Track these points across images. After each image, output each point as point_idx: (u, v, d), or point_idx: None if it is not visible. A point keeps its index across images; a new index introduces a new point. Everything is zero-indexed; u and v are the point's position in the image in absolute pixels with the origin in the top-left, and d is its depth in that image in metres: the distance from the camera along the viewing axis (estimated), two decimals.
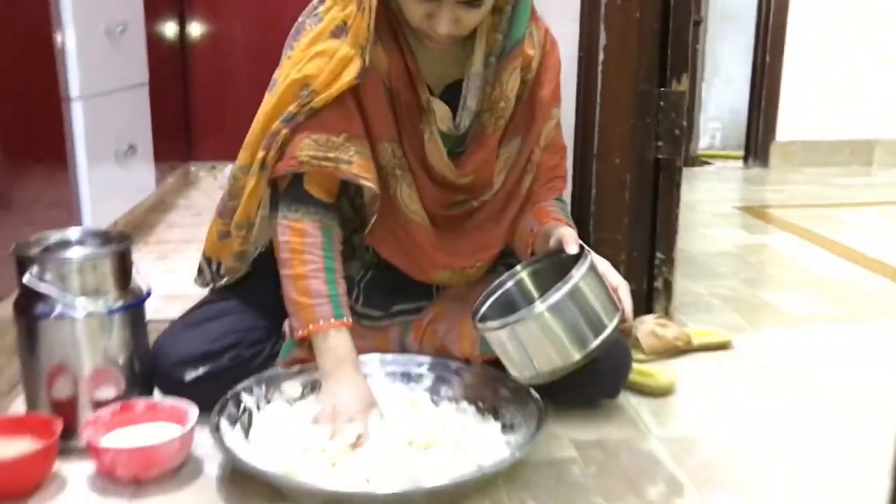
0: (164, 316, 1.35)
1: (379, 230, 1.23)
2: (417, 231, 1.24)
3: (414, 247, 1.25)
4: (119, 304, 1.15)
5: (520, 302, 1.14)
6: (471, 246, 1.28)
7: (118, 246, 1.18)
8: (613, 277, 1.12)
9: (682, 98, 1.53)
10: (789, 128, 3.69)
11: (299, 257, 1.16)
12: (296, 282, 1.16)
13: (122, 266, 1.17)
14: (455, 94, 1.20)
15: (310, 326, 1.15)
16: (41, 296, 1.12)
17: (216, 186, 2.79)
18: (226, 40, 2.89)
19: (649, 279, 1.61)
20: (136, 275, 1.21)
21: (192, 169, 2.93)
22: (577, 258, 1.05)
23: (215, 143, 2.89)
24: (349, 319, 1.17)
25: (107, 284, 1.15)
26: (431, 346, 1.29)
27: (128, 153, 1.91)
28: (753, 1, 3.69)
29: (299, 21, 1.20)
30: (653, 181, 1.57)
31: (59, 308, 1.12)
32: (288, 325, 1.25)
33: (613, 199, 1.55)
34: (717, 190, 3.37)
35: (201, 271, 1.36)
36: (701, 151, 4.06)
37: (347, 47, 1.12)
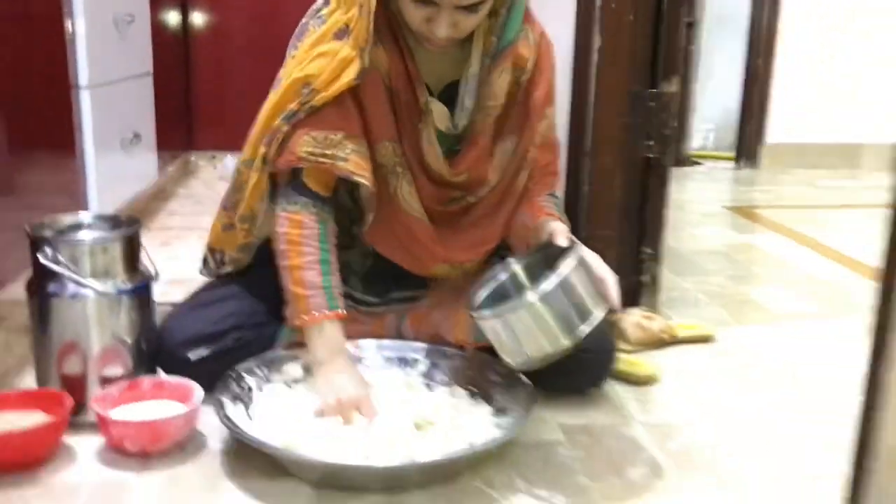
0: (168, 299, 1.40)
1: (377, 228, 1.28)
2: (417, 227, 1.29)
3: (414, 242, 1.30)
4: (128, 286, 1.20)
5: (512, 292, 1.19)
6: (469, 241, 1.33)
7: (128, 230, 1.23)
8: (601, 269, 1.17)
9: (673, 99, 1.58)
10: (779, 130, 3.74)
11: (296, 248, 1.20)
12: (292, 272, 1.20)
13: (132, 249, 1.22)
14: (453, 94, 1.25)
15: (304, 316, 1.19)
16: (54, 276, 1.16)
17: (215, 176, 2.84)
18: (227, 32, 2.94)
19: (637, 273, 1.66)
20: (145, 258, 1.26)
21: (192, 158, 2.98)
22: (567, 251, 1.10)
23: (215, 133, 2.93)
24: (343, 311, 1.21)
25: (117, 267, 1.20)
26: (427, 333, 1.34)
27: (132, 142, 1.95)
28: (748, 4, 3.74)
29: (303, 22, 1.25)
30: (642, 179, 1.62)
31: (71, 288, 1.17)
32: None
33: (604, 196, 1.60)
34: (708, 190, 3.42)
35: (206, 261, 1.41)
36: (693, 152, 4.10)
37: (348, 49, 1.16)
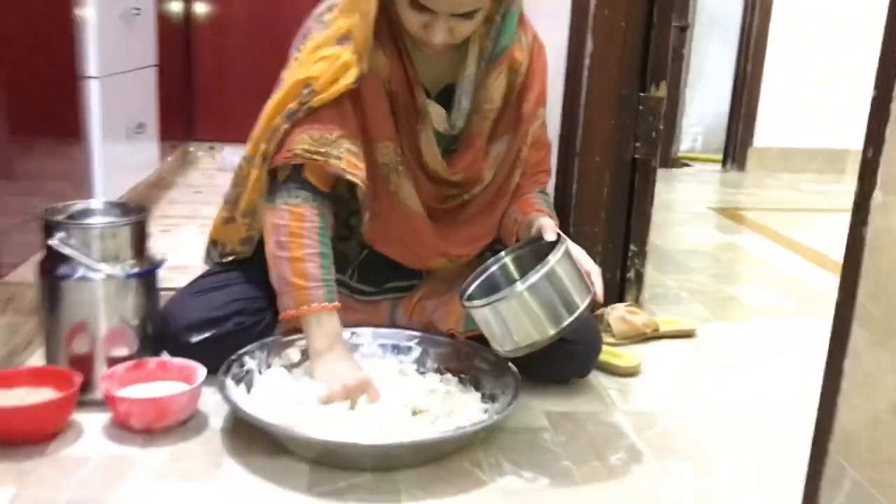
0: (171, 285, 1.45)
1: (376, 226, 1.33)
2: (417, 223, 1.34)
3: (413, 238, 1.35)
4: (136, 270, 1.26)
5: (502, 283, 1.25)
6: (465, 236, 1.39)
7: (137, 217, 1.28)
8: (587, 263, 1.23)
9: (660, 103, 1.64)
10: (767, 134, 3.82)
11: (298, 241, 1.23)
12: (293, 264, 1.23)
13: (140, 235, 1.28)
14: (450, 97, 1.31)
15: (303, 307, 1.22)
16: (65, 259, 1.21)
17: (214, 167, 2.89)
18: (228, 25, 2.99)
19: (622, 269, 1.73)
20: (152, 244, 1.31)
21: (192, 149, 3.03)
22: (555, 245, 1.17)
23: (214, 125, 2.98)
24: (338, 304, 1.25)
25: (125, 251, 1.25)
26: (420, 322, 1.40)
27: (137, 131, 2.00)
28: (739, 10, 3.81)
29: (306, 26, 1.30)
30: (630, 179, 1.68)
31: (81, 271, 1.22)
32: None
33: (593, 194, 1.66)
34: (695, 191, 3.50)
35: (209, 252, 1.46)
36: (682, 154, 4.18)
37: (349, 54, 1.22)
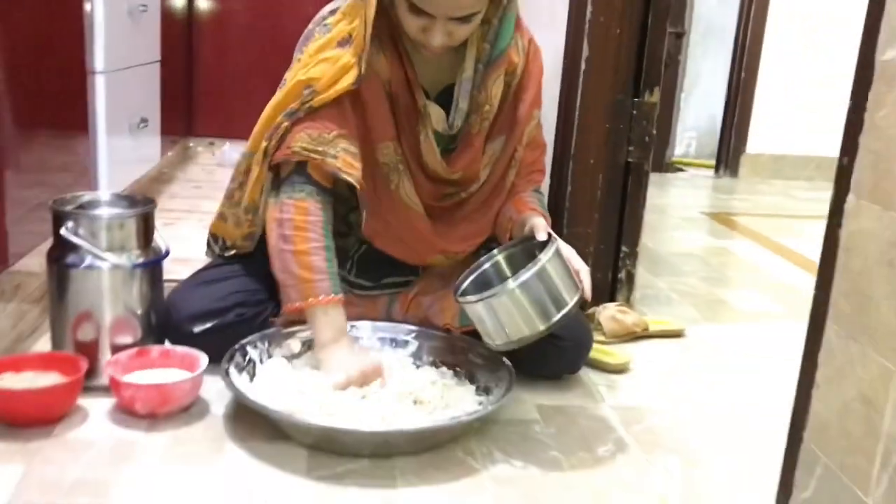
0: (173, 277, 1.49)
1: (376, 224, 1.37)
2: (416, 220, 1.38)
3: (413, 235, 1.39)
4: (141, 260, 1.29)
5: (495, 280, 1.29)
6: (462, 233, 1.43)
7: (143, 209, 1.32)
8: (576, 262, 1.27)
9: (653, 109, 1.68)
10: (760, 141, 3.87)
11: (303, 234, 1.27)
12: (298, 257, 1.26)
13: (146, 226, 1.31)
14: (449, 98, 1.35)
15: (309, 300, 1.26)
16: (73, 248, 1.25)
17: (213, 162, 2.93)
18: (230, 23, 3.03)
19: (614, 270, 1.77)
20: (157, 236, 1.35)
21: (191, 144, 3.06)
22: (546, 244, 1.21)
23: (214, 121, 3.02)
24: (342, 296, 1.29)
25: (131, 242, 1.29)
26: (416, 317, 1.44)
27: (140, 126, 2.04)
28: (735, 17, 3.86)
29: (309, 29, 1.34)
30: (623, 182, 1.72)
31: (89, 260, 1.25)
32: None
33: (586, 196, 1.71)
34: (688, 196, 3.54)
35: (210, 246, 1.50)
36: (676, 158, 4.23)
37: (349, 56, 1.26)
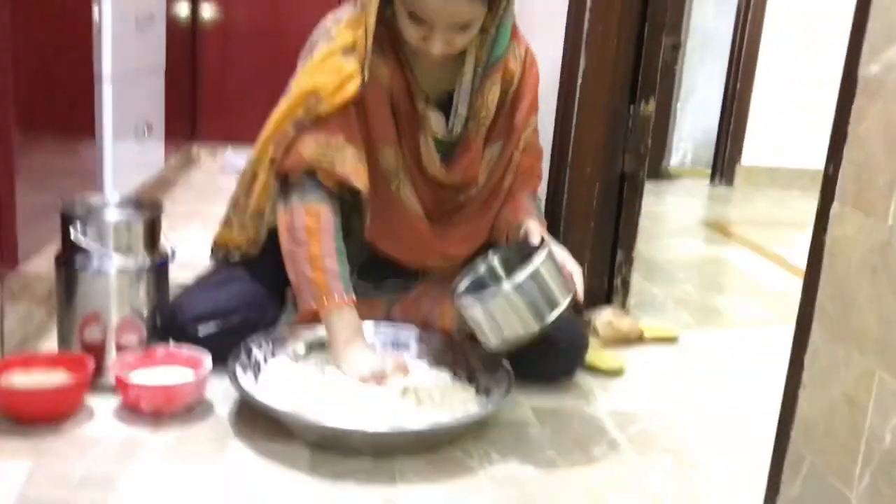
0: (178, 280, 1.52)
1: (378, 227, 1.40)
2: (417, 223, 1.42)
3: (413, 238, 1.43)
4: (148, 263, 1.32)
5: (490, 282, 1.32)
6: (461, 236, 1.46)
7: (150, 212, 1.35)
8: (570, 264, 1.31)
9: (649, 119, 1.72)
10: (755, 152, 3.90)
11: (315, 238, 1.30)
12: (312, 261, 1.30)
13: (153, 230, 1.35)
14: (448, 104, 1.38)
15: (325, 301, 1.29)
16: (81, 250, 1.28)
17: (216, 168, 2.96)
18: (232, 30, 3.06)
19: (610, 277, 1.80)
20: (164, 238, 1.38)
21: (194, 150, 3.09)
22: (540, 247, 1.24)
23: (217, 127, 3.05)
24: (355, 297, 1.33)
25: (138, 244, 1.32)
26: (415, 321, 1.47)
27: (145, 131, 2.07)
28: (730, 29, 3.91)
29: (313, 38, 1.38)
30: (618, 190, 1.76)
31: (97, 262, 1.29)
32: (291, 297, 1.42)
33: (583, 204, 1.74)
34: (684, 204, 3.57)
35: (213, 252, 1.53)
36: (672, 168, 4.26)
37: (353, 65, 1.29)
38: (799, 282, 0.87)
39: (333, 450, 1.17)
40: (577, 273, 1.29)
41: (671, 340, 1.78)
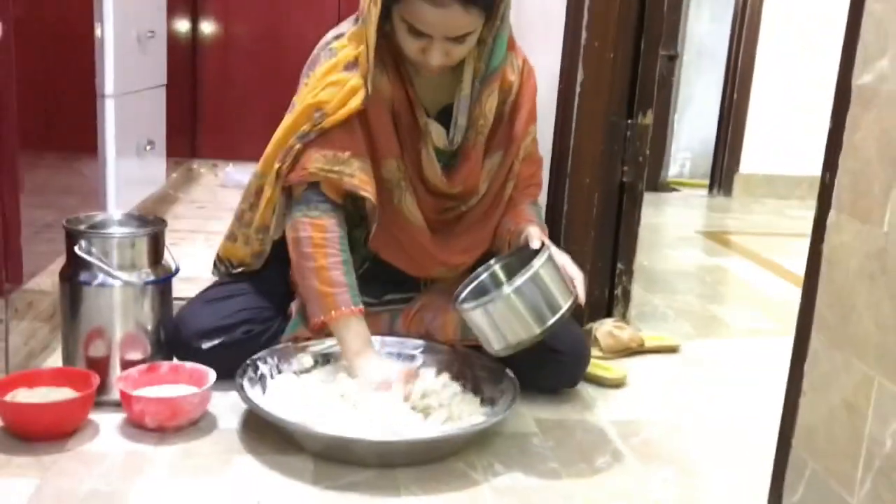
0: (180, 295, 1.52)
1: (382, 237, 1.42)
2: (419, 234, 1.43)
3: (415, 248, 1.44)
4: (152, 278, 1.33)
5: (492, 289, 1.33)
6: (462, 245, 1.47)
7: (154, 228, 1.36)
8: (571, 269, 1.31)
9: (647, 130, 1.73)
10: (752, 161, 3.93)
11: (322, 250, 1.32)
12: (319, 273, 1.31)
13: (156, 246, 1.36)
14: (448, 115, 1.40)
15: (332, 313, 1.31)
16: (85, 266, 1.29)
17: (216, 183, 2.97)
18: (232, 48, 3.09)
19: (610, 287, 1.81)
20: (167, 254, 1.39)
21: (195, 166, 3.11)
22: (540, 251, 1.25)
23: (218, 143, 3.07)
24: (362, 307, 1.34)
25: (142, 260, 1.33)
26: (418, 332, 1.48)
27: (147, 148, 2.09)
28: (727, 40, 3.93)
29: (314, 53, 1.40)
30: (617, 201, 1.77)
31: (101, 278, 1.29)
32: (295, 308, 1.43)
33: (582, 215, 1.75)
34: (683, 215, 3.59)
35: (216, 266, 1.54)
36: (670, 178, 4.28)
37: (356, 79, 1.31)
38: (797, 290, 0.88)
39: (338, 460, 1.18)
40: (579, 277, 1.30)
41: (672, 350, 1.78)
